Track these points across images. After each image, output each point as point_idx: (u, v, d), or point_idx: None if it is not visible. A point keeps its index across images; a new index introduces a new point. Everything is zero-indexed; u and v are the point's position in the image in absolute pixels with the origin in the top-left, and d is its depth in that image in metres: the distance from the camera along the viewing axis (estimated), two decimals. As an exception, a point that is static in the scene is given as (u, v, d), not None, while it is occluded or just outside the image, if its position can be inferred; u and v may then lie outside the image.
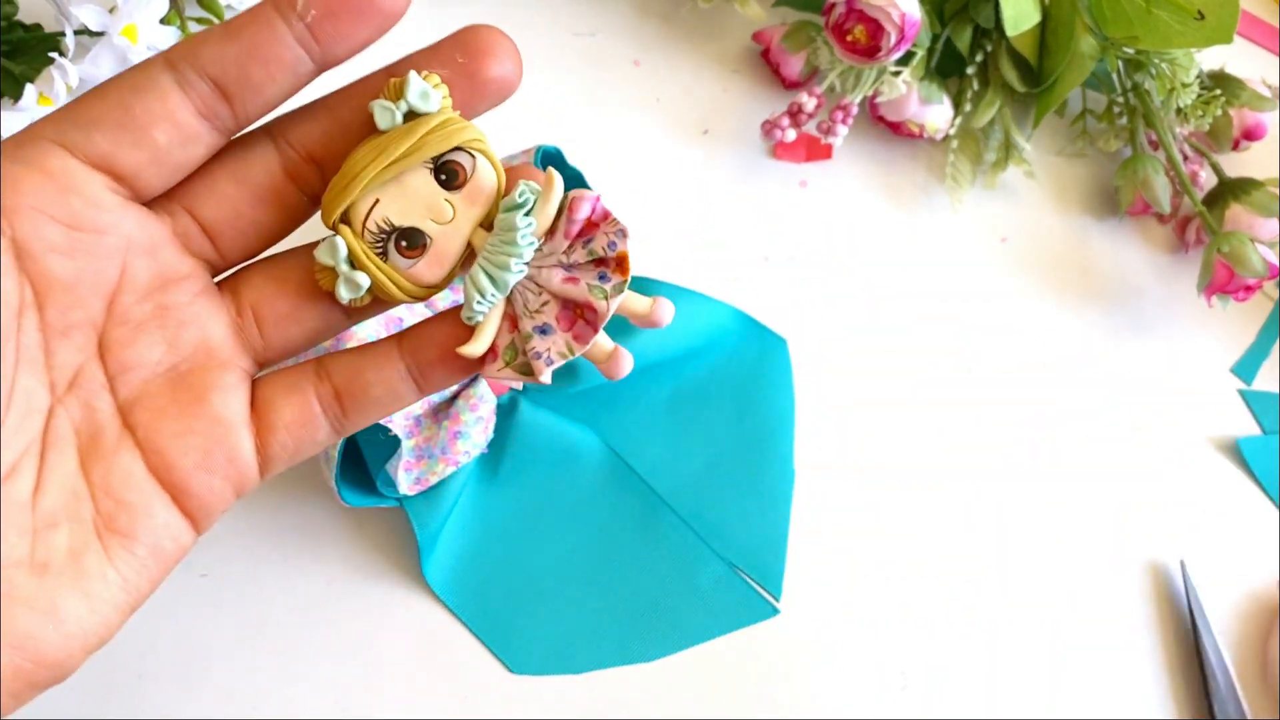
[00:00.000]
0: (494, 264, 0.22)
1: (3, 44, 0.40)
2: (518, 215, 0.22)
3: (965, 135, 0.50)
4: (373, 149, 0.21)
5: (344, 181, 0.21)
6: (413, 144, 0.21)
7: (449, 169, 0.22)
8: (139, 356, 0.22)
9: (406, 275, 0.22)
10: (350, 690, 0.36)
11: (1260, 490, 0.45)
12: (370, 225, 0.21)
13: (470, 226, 0.22)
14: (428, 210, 0.22)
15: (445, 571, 0.38)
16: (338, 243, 0.21)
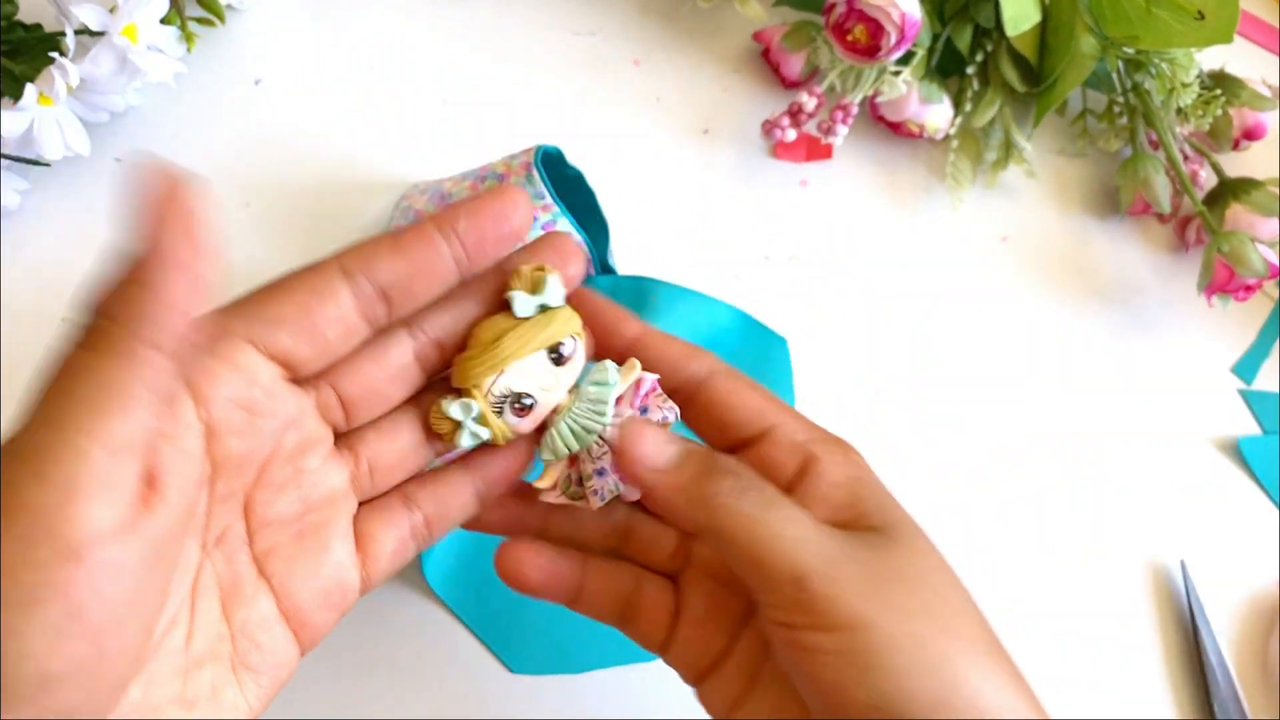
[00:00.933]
0: (581, 425, 0.27)
1: (3, 43, 0.40)
2: (607, 392, 0.27)
3: (965, 135, 0.50)
4: (516, 339, 0.26)
5: (494, 360, 0.26)
6: (548, 334, 0.26)
7: (559, 350, 0.27)
8: (276, 514, 0.25)
9: (513, 430, 0.27)
10: (350, 690, 0.36)
11: (1260, 490, 0.45)
12: (495, 391, 0.26)
13: (562, 394, 0.27)
14: (538, 381, 0.27)
15: (445, 571, 0.38)
16: (473, 405, 0.26)
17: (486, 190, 0.27)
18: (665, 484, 0.26)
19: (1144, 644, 0.41)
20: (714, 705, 0.28)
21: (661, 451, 0.26)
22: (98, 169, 0.42)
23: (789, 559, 0.24)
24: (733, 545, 0.25)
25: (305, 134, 0.45)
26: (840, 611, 0.23)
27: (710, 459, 0.26)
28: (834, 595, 0.23)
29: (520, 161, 0.36)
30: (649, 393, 0.28)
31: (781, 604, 0.24)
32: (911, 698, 0.23)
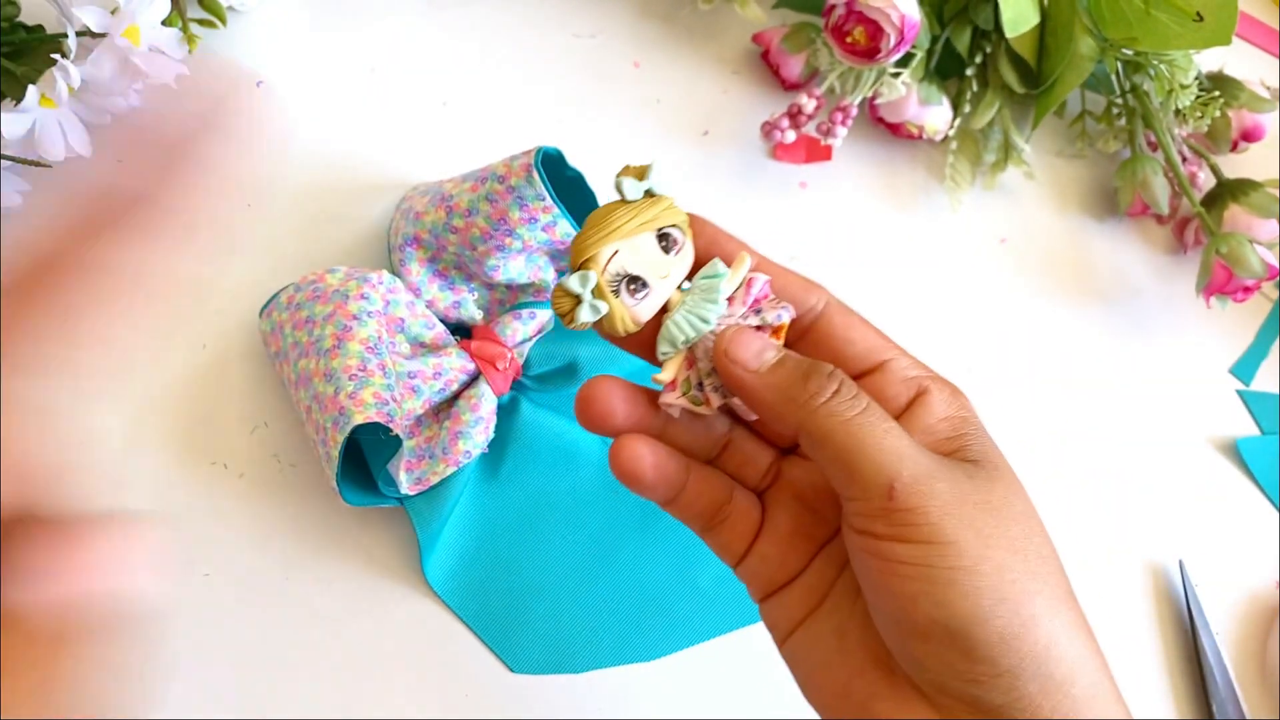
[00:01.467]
0: (695, 314, 0.28)
1: (5, 45, 0.40)
2: (718, 282, 0.28)
3: (964, 136, 0.50)
4: (626, 212, 0.27)
5: (602, 232, 0.27)
6: (654, 214, 0.28)
7: (668, 238, 0.28)
8: None
9: (630, 313, 0.27)
10: (350, 689, 0.36)
11: (1259, 490, 0.45)
12: (611, 268, 0.27)
13: (675, 285, 0.28)
14: (652, 266, 0.28)
15: (446, 571, 0.38)
16: (590, 275, 0.27)
17: None
18: (763, 383, 0.26)
19: (1143, 643, 0.41)
20: (777, 623, 0.29)
21: (761, 352, 0.26)
22: (99, 170, 0.42)
23: (882, 466, 0.24)
24: (827, 447, 0.25)
25: (306, 135, 0.45)
26: (926, 525, 0.24)
27: (811, 363, 0.26)
28: (922, 508, 0.24)
29: (520, 163, 0.37)
30: (762, 295, 0.28)
31: (868, 511, 0.24)
32: (984, 624, 0.23)
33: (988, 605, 0.23)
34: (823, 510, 0.29)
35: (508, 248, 0.37)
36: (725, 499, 0.29)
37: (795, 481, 0.29)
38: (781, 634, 0.29)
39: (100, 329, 0.33)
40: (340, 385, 0.34)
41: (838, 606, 0.27)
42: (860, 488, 0.25)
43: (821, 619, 0.28)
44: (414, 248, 0.39)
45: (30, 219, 0.41)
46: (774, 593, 0.29)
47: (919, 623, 0.24)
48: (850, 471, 0.25)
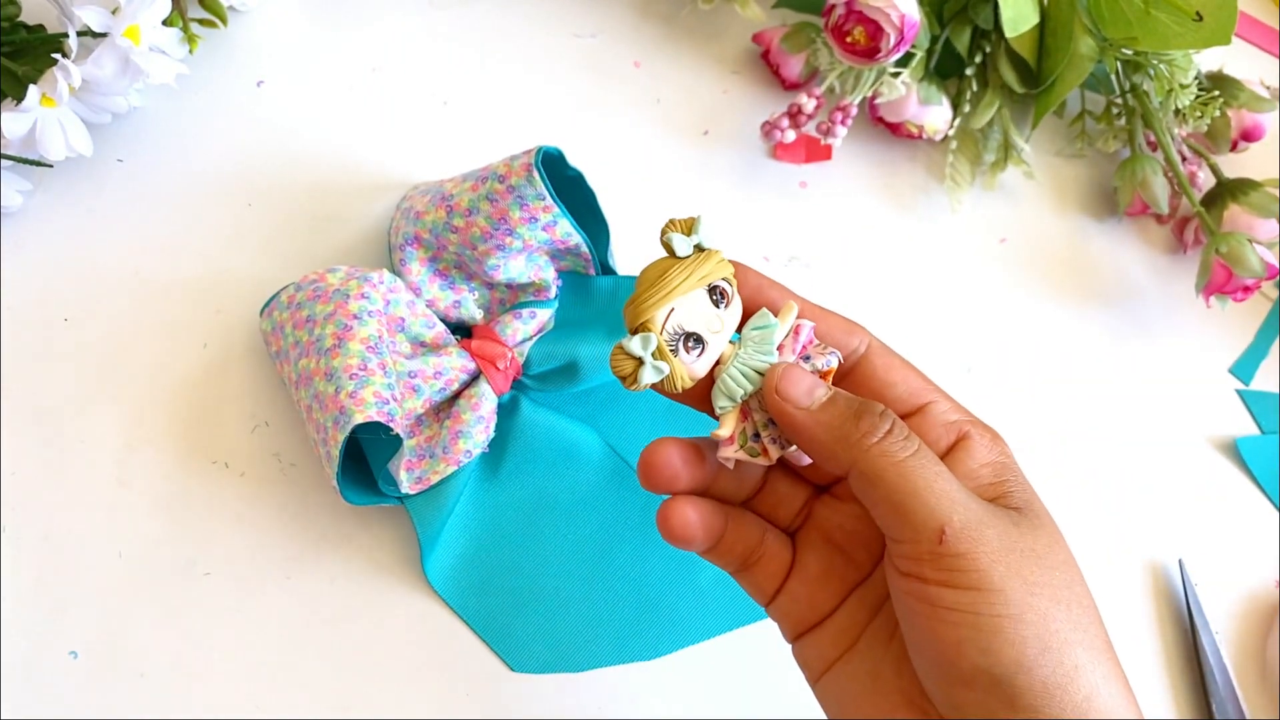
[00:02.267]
0: (751, 366, 0.28)
1: (6, 45, 0.40)
2: (770, 333, 0.28)
3: (964, 136, 0.50)
4: (680, 271, 0.28)
5: (660, 294, 0.27)
6: (707, 270, 0.28)
7: (719, 291, 0.28)
8: None
9: (689, 371, 0.28)
10: (350, 688, 0.36)
11: (1259, 490, 0.45)
12: (669, 328, 0.27)
13: (727, 337, 0.28)
14: (706, 321, 0.28)
15: (446, 570, 0.38)
16: (651, 338, 0.27)
17: None
18: (815, 422, 0.26)
19: (1142, 643, 0.42)
20: (809, 662, 0.29)
21: (812, 390, 0.27)
22: (100, 170, 0.43)
23: (934, 509, 0.24)
24: (879, 487, 0.25)
25: (307, 135, 0.45)
26: (975, 572, 0.24)
27: (862, 402, 0.26)
28: (972, 554, 0.24)
29: (521, 163, 0.37)
30: (809, 341, 0.29)
31: (917, 555, 0.25)
32: (1029, 672, 0.23)
33: (1032, 655, 0.24)
34: (853, 553, 0.29)
35: (508, 247, 0.37)
36: (759, 541, 0.30)
37: (826, 523, 0.30)
38: (814, 673, 0.29)
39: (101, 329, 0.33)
40: (341, 384, 0.34)
41: (871, 649, 0.28)
42: (911, 530, 0.25)
43: (855, 660, 0.28)
44: (414, 247, 0.39)
45: (31, 218, 0.41)
46: (806, 632, 0.29)
47: (963, 669, 0.24)
48: (901, 513, 0.25)
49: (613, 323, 0.40)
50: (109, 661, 0.35)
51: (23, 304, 0.40)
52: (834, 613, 0.29)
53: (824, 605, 0.29)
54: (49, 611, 0.35)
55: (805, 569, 0.29)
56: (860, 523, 0.29)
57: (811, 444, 0.27)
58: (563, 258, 0.40)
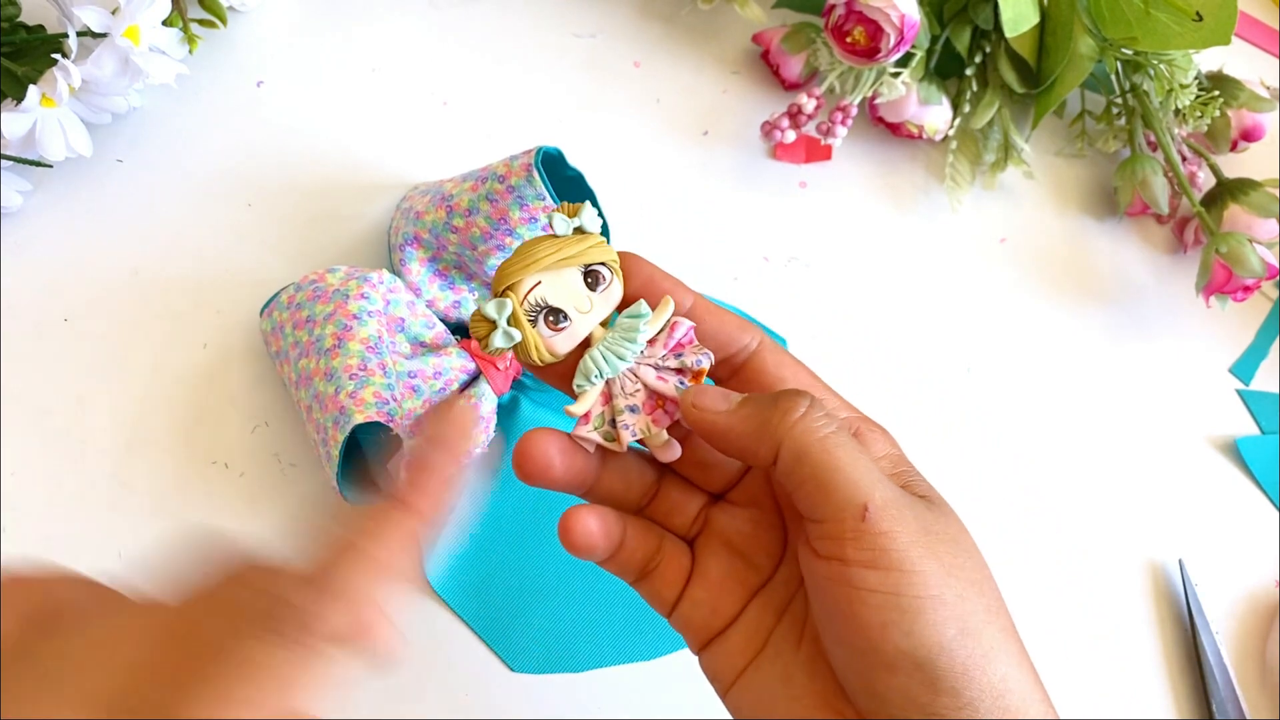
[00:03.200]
0: (612, 352, 0.28)
1: (6, 45, 0.40)
2: (639, 323, 0.28)
3: (964, 136, 0.50)
4: (550, 245, 0.28)
5: (525, 261, 0.28)
6: (580, 250, 0.28)
7: (595, 275, 0.29)
8: None
9: (546, 343, 0.28)
10: (350, 688, 0.36)
11: (1259, 490, 0.45)
12: (530, 298, 0.28)
13: (596, 321, 0.29)
14: (573, 300, 0.28)
15: (446, 570, 0.38)
16: (507, 303, 0.27)
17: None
18: (739, 418, 0.26)
19: (1143, 643, 0.42)
20: (718, 673, 0.28)
21: (728, 396, 0.27)
22: (100, 170, 0.43)
23: (857, 485, 0.24)
24: (804, 464, 0.25)
25: (307, 135, 0.45)
26: (896, 551, 0.24)
27: (777, 393, 0.26)
28: (893, 533, 0.24)
29: (521, 163, 0.37)
30: (686, 340, 0.29)
31: (839, 534, 0.24)
32: (949, 654, 0.24)
33: (952, 636, 0.24)
34: (753, 556, 0.29)
35: (508, 247, 0.37)
36: (656, 548, 0.29)
37: (724, 529, 0.29)
38: (724, 684, 0.28)
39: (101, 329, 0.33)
40: (340, 384, 0.34)
41: (780, 652, 0.27)
42: (834, 507, 0.25)
43: (764, 666, 0.27)
44: (414, 247, 0.39)
45: (31, 218, 0.41)
46: (711, 641, 0.29)
47: (886, 653, 0.24)
48: (825, 490, 0.25)
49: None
50: (109, 662, 0.35)
51: (23, 304, 0.40)
52: (738, 618, 0.28)
53: (727, 611, 0.28)
54: (49, 612, 0.35)
55: (705, 575, 0.29)
56: (759, 527, 0.29)
57: (738, 441, 0.26)
58: None
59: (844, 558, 0.24)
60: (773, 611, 0.28)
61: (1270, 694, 0.41)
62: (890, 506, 0.24)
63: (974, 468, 0.44)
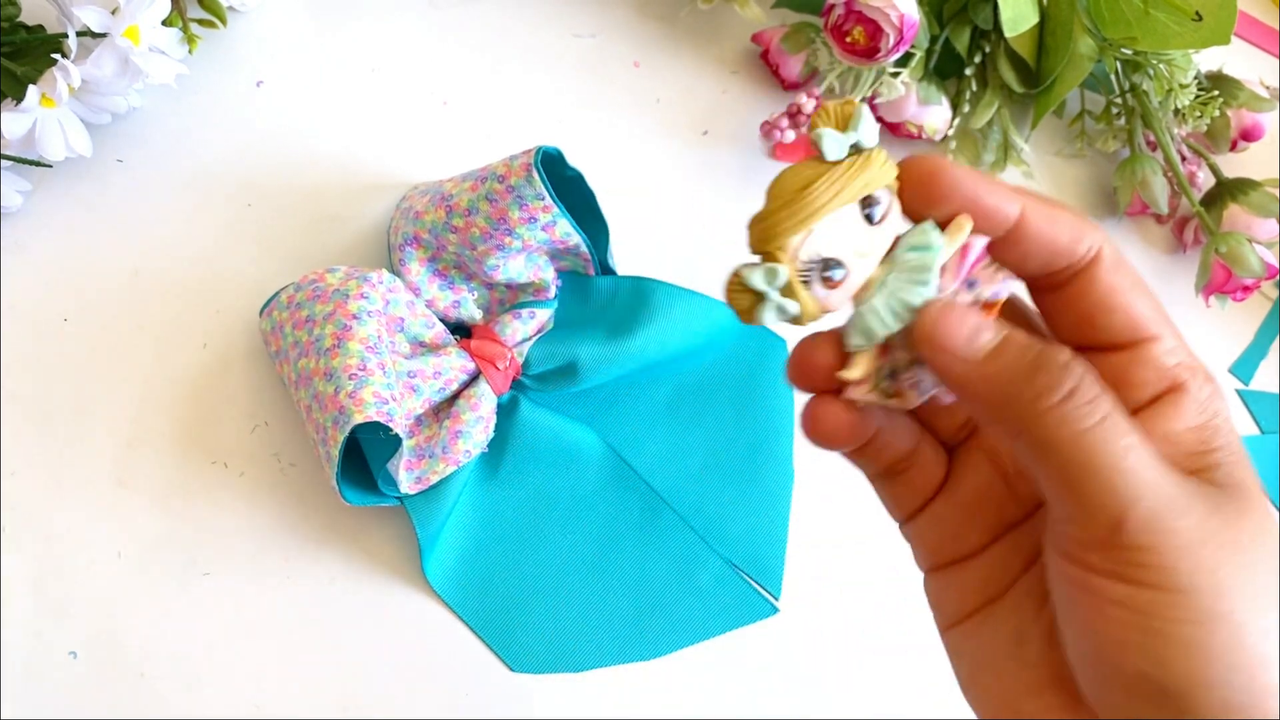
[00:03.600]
0: (900, 300, 0.22)
1: (5, 45, 0.40)
2: (930, 257, 0.22)
3: (964, 136, 0.50)
4: (826, 182, 0.22)
5: (799, 215, 0.21)
6: (860, 180, 0.22)
7: (873, 203, 0.22)
8: None
9: (821, 304, 0.22)
10: (350, 688, 0.36)
11: (1258, 490, 0.45)
12: (804, 254, 0.21)
13: (878, 259, 0.22)
14: (853, 243, 0.22)
15: (446, 570, 0.38)
16: (779, 270, 0.21)
17: None
18: (980, 375, 0.21)
19: (1142, 643, 0.42)
20: (944, 604, 0.25)
21: (974, 337, 0.21)
22: (99, 170, 0.43)
23: (1117, 493, 0.20)
24: (1051, 461, 0.20)
25: (307, 135, 0.45)
26: (1157, 568, 0.20)
27: (1041, 353, 0.21)
28: (1156, 548, 0.20)
29: (520, 163, 0.37)
30: (977, 261, 0.22)
31: (1087, 541, 0.20)
32: (1208, 690, 0.20)
33: (1216, 672, 0.19)
34: (1019, 485, 0.24)
35: (507, 247, 0.37)
36: (911, 449, 0.25)
37: (995, 443, 0.25)
38: (947, 619, 0.25)
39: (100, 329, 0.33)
40: (340, 384, 0.34)
41: (1020, 607, 0.23)
42: (1084, 512, 0.20)
43: (998, 615, 0.23)
44: (414, 247, 0.39)
45: (31, 218, 0.41)
46: (943, 567, 0.25)
47: (1126, 674, 0.20)
48: (1076, 493, 0.20)
49: (613, 322, 0.40)
50: (109, 661, 0.35)
51: (23, 304, 0.40)
52: (982, 552, 0.24)
53: (971, 539, 0.24)
54: (49, 611, 0.35)
55: (957, 491, 0.25)
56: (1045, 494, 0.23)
57: (975, 401, 0.21)
58: (562, 257, 0.40)
59: (1089, 564, 0.20)
60: (1023, 556, 0.24)
61: (1270, 694, 0.41)
62: (1158, 517, 0.20)
63: (973, 467, 0.44)
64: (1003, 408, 0.21)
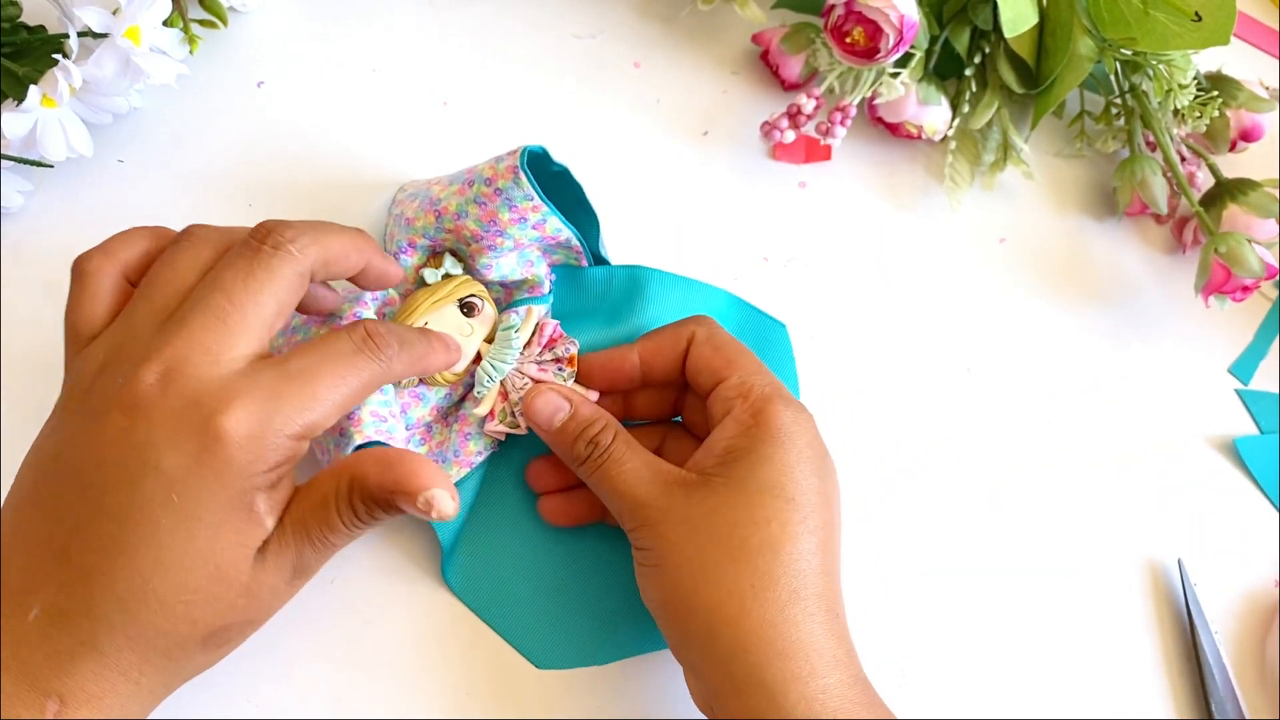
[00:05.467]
0: (497, 360, 0.37)
1: (6, 45, 0.40)
2: (512, 332, 0.37)
3: (963, 136, 0.50)
4: (426, 293, 0.37)
5: (408, 311, 0.37)
6: (450, 290, 0.38)
7: (469, 305, 0.38)
8: None
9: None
10: (351, 689, 0.36)
11: (1258, 490, 0.45)
12: None
13: (480, 340, 0.38)
14: (457, 328, 0.37)
15: (465, 572, 0.38)
16: None
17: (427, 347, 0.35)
18: (553, 440, 0.36)
19: (1141, 643, 0.42)
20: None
21: (553, 415, 0.36)
22: (100, 170, 0.43)
23: (624, 504, 0.34)
24: (599, 492, 0.35)
25: (308, 135, 0.45)
26: (652, 548, 0.33)
27: (583, 423, 0.35)
28: (648, 531, 0.33)
29: (506, 165, 0.37)
30: (554, 335, 0.38)
31: (630, 526, 0.34)
32: (669, 607, 0.32)
33: (675, 602, 0.32)
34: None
35: (499, 247, 0.38)
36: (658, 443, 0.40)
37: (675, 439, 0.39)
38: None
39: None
40: None
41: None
42: (622, 519, 0.34)
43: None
44: (409, 254, 0.39)
45: (32, 218, 0.41)
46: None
47: (651, 602, 0.33)
48: (614, 511, 0.35)
49: (609, 311, 0.40)
50: (109, 661, 0.35)
51: (23, 304, 0.40)
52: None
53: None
54: (49, 611, 0.35)
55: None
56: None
57: (557, 452, 0.36)
58: (554, 252, 0.40)
59: (635, 542, 0.34)
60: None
61: (1270, 694, 0.41)
62: (646, 510, 0.33)
63: (973, 467, 0.44)
64: (568, 460, 0.36)
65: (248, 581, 0.28)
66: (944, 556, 0.42)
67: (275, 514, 0.29)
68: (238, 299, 0.29)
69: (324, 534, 0.29)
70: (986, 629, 0.41)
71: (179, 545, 0.27)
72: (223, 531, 0.28)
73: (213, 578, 0.28)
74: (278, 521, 0.29)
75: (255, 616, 0.30)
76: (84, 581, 0.27)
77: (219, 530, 0.28)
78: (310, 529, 0.29)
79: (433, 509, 0.28)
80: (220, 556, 0.28)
